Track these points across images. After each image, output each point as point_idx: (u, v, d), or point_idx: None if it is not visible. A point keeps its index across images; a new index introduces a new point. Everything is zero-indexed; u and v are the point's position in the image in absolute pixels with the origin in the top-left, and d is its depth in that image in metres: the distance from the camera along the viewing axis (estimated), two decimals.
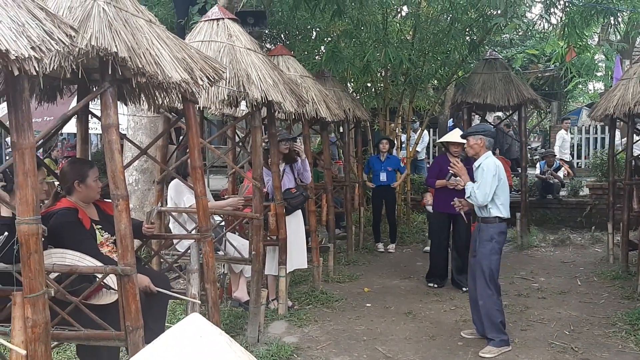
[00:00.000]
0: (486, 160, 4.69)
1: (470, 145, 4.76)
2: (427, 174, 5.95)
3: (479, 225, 4.73)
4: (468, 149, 4.79)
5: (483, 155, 4.73)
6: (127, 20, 2.87)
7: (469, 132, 4.84)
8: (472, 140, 4.73)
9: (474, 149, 4.75)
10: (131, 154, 6.74)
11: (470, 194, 4.65)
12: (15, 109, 2.29)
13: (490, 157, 4.74)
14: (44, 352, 2.45)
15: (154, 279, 3.58)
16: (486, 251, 4.65)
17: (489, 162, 4.67)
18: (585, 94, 20.96)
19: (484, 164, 4.65)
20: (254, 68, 4.46)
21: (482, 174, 4.62)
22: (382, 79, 9.85)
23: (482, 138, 4.71)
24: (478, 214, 4.75)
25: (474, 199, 4.63)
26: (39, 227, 2.38)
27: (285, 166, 5.69)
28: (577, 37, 8.59)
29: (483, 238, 4.66)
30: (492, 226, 4.65)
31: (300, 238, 5.69)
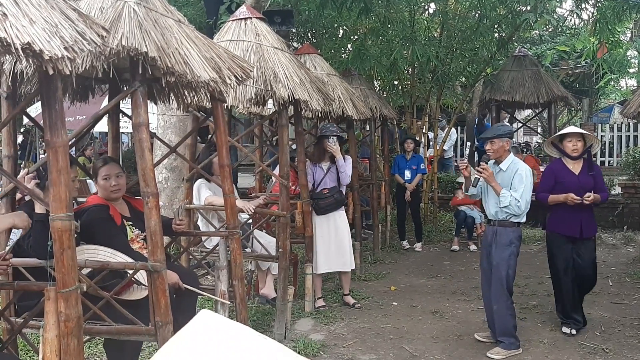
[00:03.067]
0: (520, 164, 4.49)
1: (495, 149, 4.50)
2: (540, 186, 5.11)
3: (496, 229, 4.49)
4: (492, 153, 4.51)
5: (508, 159, 4.52)
6: (156, 20, 2.91)
7: (494, 134, 4.53)
8: (499, 142, 4.49)
9: (499, 152, 4.51)
10: (161, 152, 6.84)
11: (510, 203, 4.35)
12: (49, 108, 2.34)
13: (519, 160, 4.57)
14: (76, 346, 2.50)
15: (183, 275, 3.63)
16: (505, 256, 4.44)
17: (524, 166, 4.48)
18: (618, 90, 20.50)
19: (521, 169, 4.43)
20: (281, 67, 4.49)
21: (520, 180, 4.38)
22: (409, 76, 9.80)
23: (508, 140, 4.53)
24: (493, 216, 4.52)
25: (514, 208, 4.35)
26: (72, 224, 2.44)
27: (330, 165, 5.63)
28: (608, 32, 8.41)
29: (502, 242, 4.44)
30: (512, 230, 4.45)
31: (340, 240, 5.58)
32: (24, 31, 1.95)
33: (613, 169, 13.49)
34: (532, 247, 8.49)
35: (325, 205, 5.54)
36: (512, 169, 4.45)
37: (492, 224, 4.56)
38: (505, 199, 4.35)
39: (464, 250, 8.30)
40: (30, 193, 2.82)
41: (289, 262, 5.04)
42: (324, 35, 9.97)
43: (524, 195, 4.35)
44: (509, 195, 4.34)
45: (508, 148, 4.52)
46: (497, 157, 4.51)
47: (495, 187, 4.42)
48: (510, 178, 4.42)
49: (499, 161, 4.53)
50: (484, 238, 4.68)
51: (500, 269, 4.44)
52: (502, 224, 4.46)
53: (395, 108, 9.42)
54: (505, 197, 4.36)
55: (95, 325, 3.08)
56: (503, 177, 4.46)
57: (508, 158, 4.51)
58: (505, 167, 4.48)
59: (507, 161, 4.50)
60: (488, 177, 4.42)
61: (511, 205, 4.33)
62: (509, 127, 4.69)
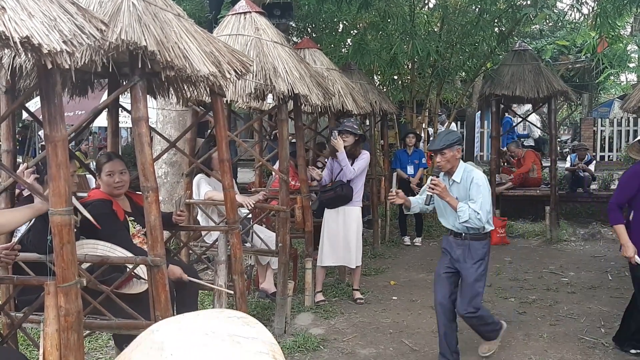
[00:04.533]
0: (474, 172, 4.04)
1: (447, 159, 4.00)
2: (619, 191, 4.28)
3: (468, 244, 4.04)
4: (444, 163, 4.01)
5: (460, 168, 4.07)
6: (156, 14, 2.90)
7: (444, 144, 3.98)
8: (449, 152, 3.99)
9: (451, 163, 4.03)
10: (160, 147, 6.84)
11: (470, 217, 3.91)
12: (48, 102, 2.33)
13: (471, 167, 4.12)
14: (76, 340, 2.50)
15: (183, 270, 3.63)
16: (481, 272, 4.07)
17: (479, 174, 4.03)
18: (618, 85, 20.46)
19: (477, 178, 3.99)
20: (280, 61, 4.48)
21: (478, 189, 3.95)
22: (409, 71, 9.78)
23: (459, 148, 4.06)
24: (460, 229, 4.06)
25: (475, 221, 3.92)
26: (72, 218, 2.43)
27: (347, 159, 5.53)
28: (609, 27, 8.39)
29: (475, 258, 4.04)
30: (484, 243, 4.08)
31: (346, 235, 5.55)
32: (22, 25, 1.94)
33: (613, 163, 13.50)
34: (531, 242, 8.51)
35: (327, 198, 5.53)
36: (467, 179, 4.02)
37: (463, 237, 4.07)
38: (464, 213, 3.93)
39: None
40: (30, 188, 2.81)
41: (289, 257, 5.04)
42: (323, 29, 9.95)
43: (483, 205, 3.93)
44: (467, 209, 3.93)
45: (459, 157, 4.09)
46: (450, 168, 4.05)
47: (451, 203, 3.98)
48: (467, 189, 4.00)
49: (451, 173, 4.07)
50: (448, 247, 4.16)
51: (477, 286, 4.07)
52: (474, 238, 4.04)
53: (395, 103, 9.40)
54: (463, 211, 3.93)
55: (95, 319, 3.08)
56: (458, 190, 4.05)
57: (460, 167, 4.07)
58: (459, 178, 4.05)
59: (460, 171, 4.06)
60: (442, 192, 3.96)
61: (471, 218, 3.92)
62: (457, 133, 4.20)
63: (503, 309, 5.48)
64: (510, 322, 5.09)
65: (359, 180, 5.60)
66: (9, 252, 2.73)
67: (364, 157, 5.58)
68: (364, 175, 5.69)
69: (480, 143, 15.70)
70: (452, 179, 4.06)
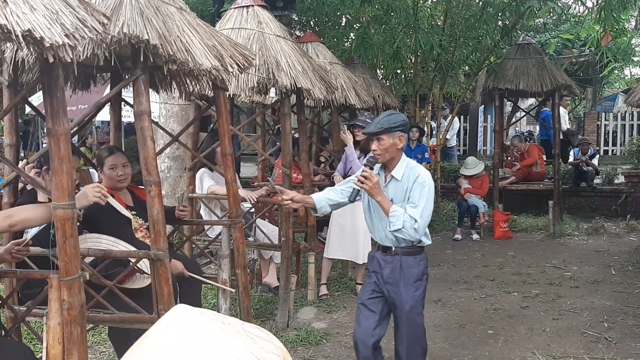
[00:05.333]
0: (419, 169, 3.24)
1: (384, 148, 3.16)
2: None
3: (400, 260, 3.20)
4: (381, 152, 3.17)
5: (402, 162, 3.22)
6: (158, 7, 2.89)
7: (382, 127, 3.15)
8: (388, 139, 3.15)
9: (390, 152, 3.18)
10: (163, 142, 6.83)
11: (404, 225, 3.07)
12: (51, 96, 2.33)
13: (416, 163, 3.34)
14: (79, 334, 2.51)
15: (186, 265, 3.64)
16: (419, 295, 3.24)
17: (425, 172, 3.22)
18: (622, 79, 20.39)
19: (423, 176, 3.16)
20: (283, 55, 4.46)
21: (422, 191, 3.12)
22: (412, 65, 9.75)
23: (402, 136, 3.20)
24: (390, 242, 3.21)
25: (409, 232, 3.08)
26: (74, 212, 2.44)
27: (360, 154, 5.48)
28: (613, 20, 8.33)
29: (412, 278, 3.21)
30: (422, 258, 3.27)
31: (354, 230, 5.51)
32: (24, 18, 1.93)
33: (616, 158, 13.45)
34: (534, 236, 8.49)
35: None
36: (409, 176, 3.18)
37: (393, 252, 3.21)
38: (397, 219, 3.08)
39: (466, 240, 8.30)
40: (32, 182, 2.82)
41: (292, 251, 5.04)
42: (326, 23, 9.90)
43: (424, 213, 3.10)
44: (401, 214, 3.08)
45: (402, 146, 3.22)
46: (388, 160, 3.21)
47: (382, 204, 3.12)
48: (408, 189, 3.16)
49: (390, 167, 3.24)
50: (374, 266, 3.31)
51: (414, 314, 3.22)
52: (408, 252, 3.20)
53: (398, 97, 9.38)
54: (396, 216, 3.08)
55: (98, 313, 3.09)
56: (396, 189, 3.20)
57: (402, 162, 3.23)
58: (400, 174, 3.20)
59: (401, 166, 3.22)
60: (371, 189, 3.11)
61: (405, 228, 3.07)
62: (401, 116, 3.27)
63: (506, 303, 5.48)
64: (513, 317, 5.10)
65: None
66: (21, 248, 2.74)
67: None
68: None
69: (484, 137, 15.65)
70: (392, 174, 3.22)
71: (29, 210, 2.64)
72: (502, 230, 8.37)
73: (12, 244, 2.79)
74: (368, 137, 5.46)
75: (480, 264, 6.96)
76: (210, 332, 1.13)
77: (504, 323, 4.96)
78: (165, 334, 1.14)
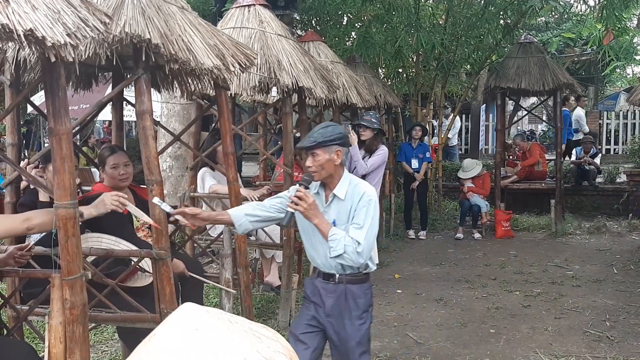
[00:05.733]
0: (363, 186, 2.83)
1: (319, 164, 2.76)
2: None
3: (344, 289, 2.81)
4: (316, 169, 2.78)
5: (345, 179, 2.84)
6: (159, 7, 2.89)
7: (315, 141, 2.77)
8: (323, 154, 2.76)
9: (327, 169, 2.77)
10: (165, 141, 6.83)
11: (345, 250, 2.70)
12: (52, 96, 2.33)
13: (359, 180, 2.93)
14: (81, 333, 2.51)
15: (188, 264, 3.65)
16: (365, 329, 2.86)
17: (371, 190, 2.83)
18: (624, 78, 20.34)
19: (369, 194, 2.78)
20: (284, 54, 4.46)
21: (367, 211, 2.75)
22: (413, 64, 9.74)
23: (340, 150, 2.79)
24: (332, 268, 2.81)
25: (352, 257, 2.70)
26: (76, 211, 2.44)
27: (365, 154, 5.49)
28: (615, 19, 8.32)
29: (359, 309, 2.84)
30: (368, 287, 2.90)
31: None
32: (26, 17, 1.93)
33: (618, 156, 13.43)
34: (536, 235, 8.49)
35: None
36: (354, 194, 2.79)
37: (337, 280, 2.83)
38: (338, 243, 2.70)
39: (468, 239, 8.30)
40: (34, 181, 2.82)
41: (294, 250, 5.04)
42: (328, 22, 9.90)
43: (369, 235, 2.74)
44: (342, 238, 2.71)
45: (339, 161, 2.80)
46: (325, 177, 2.82)
47: (320, 227, 2.75)
48: (352, 209, 2.78)
49: (331, 185, 2.84)
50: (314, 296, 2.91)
51: (358, 352, 2.84)
52: (353, 280, 2.83)
53: (400, 96, 9.37)
54: (336, 240, 2.71)
55: (100, 312, 3.10)
56: (339, 210, 2.81)
57: (344, 179, 2.83)
58: (343, 193, 2.81)
59: (343, 184, 2.82)
60: (307, 210, 2.73)
61: (347, 253, 2.70)
62: (339, 129, 2.87)
63: (508, 302, 5.48)
64: (515, 316, 5.10)
65: (375, 176, 5.51)
66: (24, 252, 2.74)
67: (380, 153, 5.48)
68: (381, 170, 5.60)
69: (485, 136, 15.64)
70: (334, 193, 2.83)
71: (47, 215, 2.63)
72: (504, 229, 8.37)
73: (15, 249, 2.79)
74: (373, 137, 5.49)
75: (482, 263, 6.96)
76: (217, 331, 1.14)
77: (505, 322, 4.96)
78: (172, 333, 1.15)
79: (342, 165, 2.83)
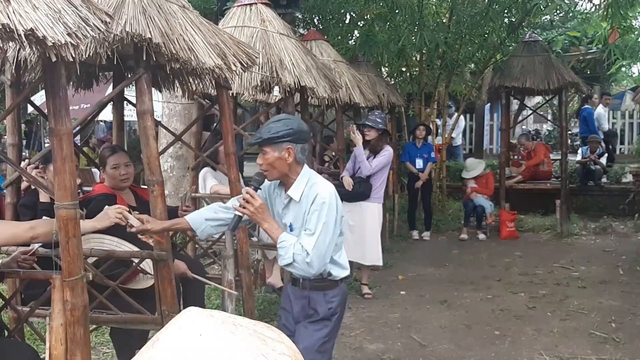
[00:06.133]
0: (318, 186, 2.56)
1: (269, 162, 2.54)
2: None
3: (307, 296, 2.65)
4: (266, 167, 2.56)
5: (302, 177, 2.58)
6: (160, 6, 2.87)
7: (264, 137, 2.53)
8: (272, 152, 2.53)
9: (279, 168, 2.55)
10: (166, 141, 6.82)
11: (294, 258, 2.50)
12: (53, 96, 2.32)
13: (319, 178, 2.63)
14: (82, 334, 2.49)
15: (189, 265, 3.63)
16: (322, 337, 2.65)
17: (326, 190, 2.55)
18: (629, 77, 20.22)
19: (322, 195, 2.51)
20: (287, 53, 4.43)
21: (319, 214, 2.49)
22: (417, 63, 9.70)
23: (291, 147, 2.53)
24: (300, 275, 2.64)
25: (302, 266, 2.50)
26: (77, 212, 2.42)
27: (369, 154, 5.46)
28: (621, 17, 8.25)
29: (315, 316, 2.65)
30: (334, 295, 2.66)
31: (360, 231, 5.46)
32: (27, 17, 1.92)
33: (624, 156, 13.34)
34: (541, 236, 8.44)
35: (343, 193, 5.47)
36: (309, 196, 2.55)
37: (301, 286, 2.67)
38: (286, 252, 2.52)
39: (472, 239, 8.25)
40: (34, 182, 2.80)
41: None
42: (330, 21, 9.87)
43: (320, 242, 2.48)
44: (291, 245, 2.51)
45: (292, 159, 2.54)
46: (279, 177, 2.61)
47: (269, 232, 2.58)
48: (306, 212, 2.56)
49: (287, 184, 2.62)
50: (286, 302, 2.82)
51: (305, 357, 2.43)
52: (317, 287, 2.64)
53: (403, 95, 9.33)
54: (284, 248, 2.52)
55: (101, 314, 3.08)
56: (296, 212, 2.61)
57: (301, 178, 2.58)
58: (298, 194, 2.58)
59: (300, 184, 2.58)
60: (254, 214, 2.55)
61: (296, 262, 2.50)
62: (290, 123, 2.56)
63: (513, 303, 5.44)
64: (520, 317, 5.06)
65: (380, 177, 5.48)
66: (27, 257, 2.72)
67: (385, 154, 5.45)
68: (386, 171, 5.57)
69: (490, 136, 15.58)
70: (288, 194, 2.61)
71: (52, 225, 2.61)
72: (509, 230, 8.32)
73: (19, 252, 2.78)
74: (378, 137, 5.45)
75: (486, 264, 6.92)
76: (222, 336, 1.12)
77: (510, 324, 4.92)
78: (176, 338, 1.13)
79: (299, 163, 2.57)
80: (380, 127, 5.45)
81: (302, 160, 2.58)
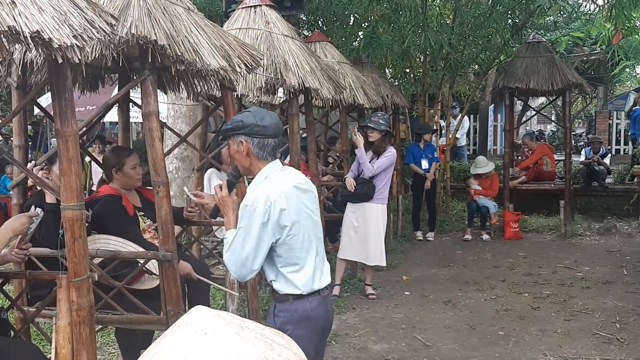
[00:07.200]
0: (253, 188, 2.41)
1: (231, 155, 2.55)
2: None
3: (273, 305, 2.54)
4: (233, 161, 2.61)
5: (261, 174, 2.41)
6: (165, 8, 2.89)
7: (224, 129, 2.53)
8: (232, 145, 2.46)
9: (240, 161, 2.47)
10: (171, 142, 6.84)
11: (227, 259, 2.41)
12: (59, 97, 2.34)
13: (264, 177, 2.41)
14: (88, 334, 2.51)
15: (194, 266, 3.64)
16: None
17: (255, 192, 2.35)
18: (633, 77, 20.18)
19: (248, 198, 2.36)
20: (291, 55, 4.45)
21: (240, 219, 2.36)
22: (421, 64, 9.70)
23: (244, 140, 2.40)
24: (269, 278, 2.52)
25: (229, 265, 2.39)
26: (83, 213, 2.44)
27: (373, 156, 5.46)
28: (624, 18, 8.23)
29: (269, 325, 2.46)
30: (281, 310, 2.46)
31: (363, 231, 5.47)
32: (33, 19, 1.93)
33: (628, 157, 13.30)
34: (545, 237, 8.42)
35: (346, 194, 5.51)
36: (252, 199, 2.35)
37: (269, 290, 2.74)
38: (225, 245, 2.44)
39: (476, 240, 8.24)
40: (40, 183, 2.82)
41: None
42: (334, 22, 9.88)
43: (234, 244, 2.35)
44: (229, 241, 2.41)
45: (248, 154, 2.41)
46: (244, 170, 2.52)
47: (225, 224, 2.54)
48: None
49: None
50: None
51: None
52: (273, 296, 2.53)
53: (407, 96, 9.33)
54: (226, 243, 2.44)
55: (107, 314, 3.09)
56: None
57: (259, 174, 2.44)
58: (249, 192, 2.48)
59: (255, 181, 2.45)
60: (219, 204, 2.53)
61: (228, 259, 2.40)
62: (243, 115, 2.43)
63: (517, 304, 5.43)
64: (524, 318, 5.06)
65: (383, 177, 5.47)
66: (19, 250, 2.74)
67: (388, 155, 5.43)
68: (390, 172, 5.55)
69: (494, 136, 15.57)
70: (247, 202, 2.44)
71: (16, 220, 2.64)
72: (513, 231, 8.30)
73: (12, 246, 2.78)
74: (381, 138, 5.46)
75: (490, 265, 6.91)
76: (227, 336, 1.13)
77: (514, 324, 4.92)
78: (181, 335, 1.14)
79: (260, 159, 2.42)
80: (383, 128, 5.45)
81: (262, 156, 2.42)
